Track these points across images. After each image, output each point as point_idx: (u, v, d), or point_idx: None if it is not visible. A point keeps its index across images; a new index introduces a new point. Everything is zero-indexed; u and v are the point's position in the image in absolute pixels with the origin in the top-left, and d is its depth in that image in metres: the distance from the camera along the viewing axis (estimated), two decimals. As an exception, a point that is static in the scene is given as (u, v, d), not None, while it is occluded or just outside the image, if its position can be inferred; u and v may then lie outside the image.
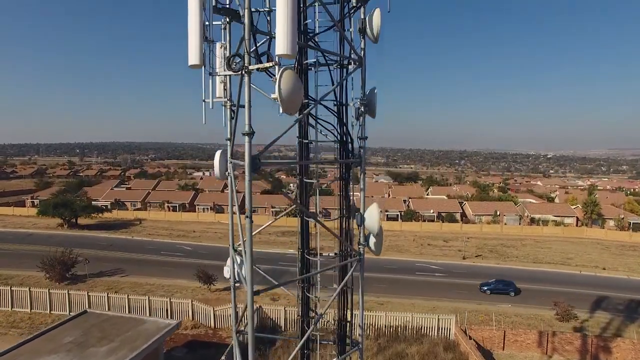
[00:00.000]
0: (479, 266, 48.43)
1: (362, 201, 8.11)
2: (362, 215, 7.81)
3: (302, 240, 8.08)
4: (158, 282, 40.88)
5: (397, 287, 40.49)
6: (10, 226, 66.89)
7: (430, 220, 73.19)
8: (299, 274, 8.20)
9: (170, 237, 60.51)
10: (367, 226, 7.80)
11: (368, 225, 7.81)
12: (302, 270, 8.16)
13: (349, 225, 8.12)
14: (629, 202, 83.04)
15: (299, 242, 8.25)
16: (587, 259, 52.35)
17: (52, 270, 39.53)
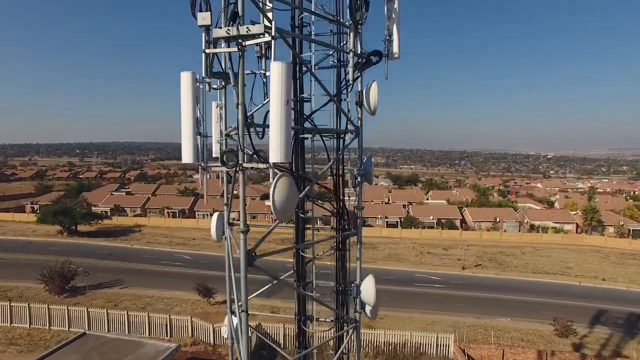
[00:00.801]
0: (479, 277, 48.41)
1: (358, 272, 8.09)
2: (357, 287, 7.78)
3: (299, 308, 8.06)
4: (158, 294, 40.87)
5: (396, 299, 40.44)
6: (10, 233, 66.91)
7: (430, 227, 73.18)
8: (297, 341, 8.18)
9: (170, 245, 60.50)
10: (363, 299, 7.78)
11: (364, 298, 7.80)
12: (299, 337, 8.13)
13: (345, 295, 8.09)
14: (629, 207, 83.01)
15: (296, 309, 8.24)
16: (587, 269, 52.34)
17: (52, 283, 39.53)
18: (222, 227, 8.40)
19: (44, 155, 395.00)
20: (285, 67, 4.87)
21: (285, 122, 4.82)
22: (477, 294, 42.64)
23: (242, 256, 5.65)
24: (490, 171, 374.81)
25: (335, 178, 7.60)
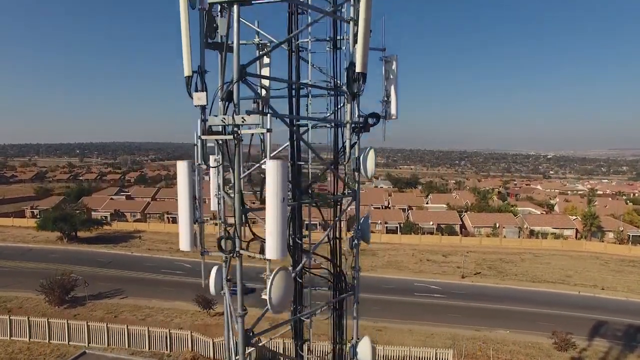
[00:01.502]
0: (478, 286, 48.46)
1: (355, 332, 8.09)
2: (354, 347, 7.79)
3: None
4: (158, 305, 40.92)
5: (395, 310, 40.51)
6: (10, 239, 66.95)
7: (430, 232, 73.22)
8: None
9: (169, 252, 60.54)
10: (360, 360, 7.74)
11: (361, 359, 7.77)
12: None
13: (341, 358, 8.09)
14: (629, 212, 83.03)
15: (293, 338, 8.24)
16: (586, 277, 52.38)
17: (52, 294, 39.58)
18: (220, 282, 8.43)
19: (43, 156, 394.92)
20: (281, 166, 4.90)
21: (282, 220, 4.85)
22: (476, 304, 42.70)
23: (241, 339, 5.69)
24: (490, 171, 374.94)
25: (333, 242, 7.63)
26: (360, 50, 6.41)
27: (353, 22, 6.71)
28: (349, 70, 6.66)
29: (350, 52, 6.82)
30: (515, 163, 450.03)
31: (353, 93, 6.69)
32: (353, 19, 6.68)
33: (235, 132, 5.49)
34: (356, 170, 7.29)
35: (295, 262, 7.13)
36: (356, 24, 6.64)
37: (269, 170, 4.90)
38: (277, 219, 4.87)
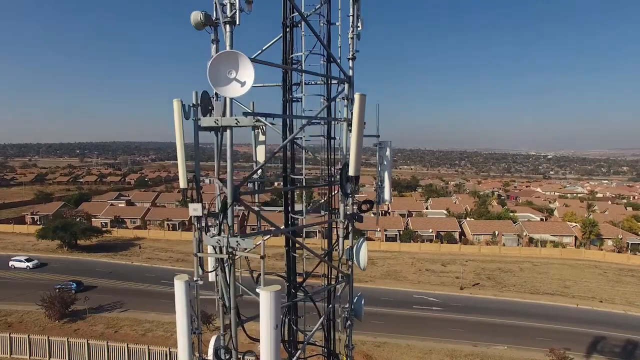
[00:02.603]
0: (476, 298, 48.62)
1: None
2: None
3: None
4: (157, 319, 41.12)
5: (394, 324, 40.67)
6: (10, 248, 67.12)
7: (429, 240, 73.37)
8: None
9: (169, 261, 60.72)
10: None
11: None
12: None
13: None
14: (628, 219, 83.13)
15: None
16: (584, 288, 52.53)
17: (52, 308, 39.76)
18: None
19: (44, 156, 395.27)
20: (274, 295, 5.04)
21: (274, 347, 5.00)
22: (474, 317, 42.87)
23: None
24: (490, 172, 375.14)
25: (327, 327, 7.76)
26: (354, 155, 6.55)
27: (347, 123, 6.84)
28: (342, 171, 6.79)
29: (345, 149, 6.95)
30: (516, 163, 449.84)
31: (346, 193, 6.82)
32: (348, 120, 6.81)
33: (230, 253, 5.63)
34: (350, 259, 7.42)
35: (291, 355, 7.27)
36: (350, 125, 6.77)
37: (263, 300, 5.04)
38: (270, 346, 5.02)
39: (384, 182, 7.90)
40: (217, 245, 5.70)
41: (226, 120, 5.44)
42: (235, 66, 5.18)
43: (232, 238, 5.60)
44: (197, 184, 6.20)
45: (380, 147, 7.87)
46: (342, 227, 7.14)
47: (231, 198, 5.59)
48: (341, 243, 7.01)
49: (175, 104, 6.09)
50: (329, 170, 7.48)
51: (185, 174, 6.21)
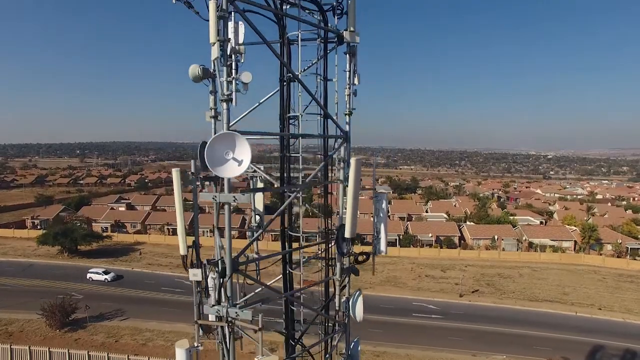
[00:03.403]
0: (476, 306, 48.74)
1: None
2: None
3: None
4: (158, 328, 41.25)
5: (393, 332, 40.80)
6: (11, 253, 67.29)
7: (429, 244, 73.50)
8: None
9: (169, 267, 60.86)
10: None
11: None
12: None
13: None
14: (627, 223, 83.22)
15: None
16: (584, 295, 52.65)
17: (52, 317, 39.91)
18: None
19: (44, 156, 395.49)
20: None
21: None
22: (473, 325, 42.99)
23: None
24: (490, 172, 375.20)
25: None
26: (349, 217, 6.66)
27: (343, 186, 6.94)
28: (339, 232, 6.90)
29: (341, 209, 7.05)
30: (516, 163, 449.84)
31: (342, 253, 6.93)
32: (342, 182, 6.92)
33: (230, 323, 5.74)
34: (346, 314, 7.53)
35: None
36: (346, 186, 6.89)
37: None
38: None
39: (380, 233, 8.01)
40: (217, 315, 5.82)
41: (224, 197, 5.54)
42: (232, 147, 5.29)
43: (231, 309, 5.71)
44: (196, 249, 6.32)
45: (376, 199, 7.99)
46: (339, 282, 7.25)
47: (230, 270, 5.71)
48: (338, 299, 7.12)
49: (174, 174, 6.21)
50: (326, 227, 7.59)
51: (185, 240, 6.33)
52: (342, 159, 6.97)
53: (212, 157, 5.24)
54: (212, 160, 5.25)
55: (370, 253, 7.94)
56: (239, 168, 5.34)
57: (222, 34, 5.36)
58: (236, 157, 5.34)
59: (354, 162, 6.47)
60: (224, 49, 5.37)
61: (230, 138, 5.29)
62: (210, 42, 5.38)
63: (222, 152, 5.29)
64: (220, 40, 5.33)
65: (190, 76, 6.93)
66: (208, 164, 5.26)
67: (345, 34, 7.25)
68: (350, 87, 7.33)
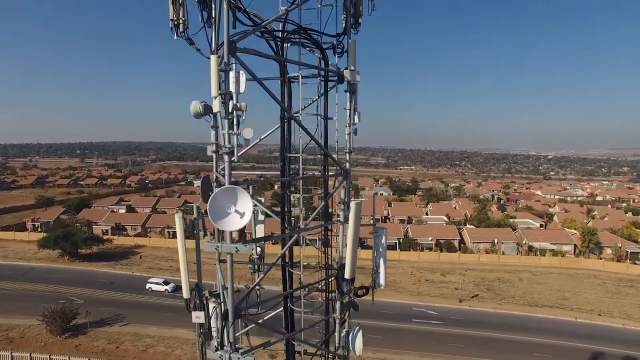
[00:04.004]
0: (476, 311, 48.82)
1: None
2: None
3: None
4: (158, 334, 41.34)
5: (393, 338, 40.89)
6: (12, 256, 67.38)
7: (429, 248, 73.58)
8: None
9: (170, 271, 60.94)
10: None
11: None
12: None
13: None
14: (627, 226, 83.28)
15: None
16: (583, 300, 52.72)
17: (53, 323, 40.00)
18: None
19: (44, 156, 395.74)
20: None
21: None
22: (473, 332, 43.08)
23: None
24: (490, 172, 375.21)
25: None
26: (349, 259, 6.74)
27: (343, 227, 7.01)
28: (338, 273, 6.98)
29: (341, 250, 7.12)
30: (516, 163, 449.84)
31: (342, 292, 7.01)
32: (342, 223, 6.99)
33: (231, 368, 5.82)
34: (345, 351, 7.61)
35: None
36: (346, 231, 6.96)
37: None
38: None
39: (379, 267, 8.09)
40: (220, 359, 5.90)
41: (226, 248, 5.62)
42: (234, 200, 5.37)
43: (233, 354, 5.80)
44: (199, 292, 6.41)
45: (376, 235, 8.06)
46: (339, 318, 7.33)
47: (232, 317, 5.79)
48: (338, 335, 7.20)
49: (177, 219, 6.29)
50: (326, 263, 7.66)
51: (188, 284, 6.42)
52: (343, 201, 7.05)
53: (215, 211, 5.32)
54: (215, 214, 5.33)
55: (370, 287, 8.02)
56: (241, 221, 5.43)
57: (223, 87, 5.43)
58: (238, 209, 5.42)
59: (354, 205, 6.55)
60: (225, 102, 5.45)
61: (232, 192, 5.37)
62: (212, 96, 5.46)
63: (225, 206, 5.37)
64: (222, 94, 5.41)
65: (191, 112, 7.01)
66: (211, 219, 5.35)
67: (346, 72, 7.33)
68: (350, 126, 7.41)
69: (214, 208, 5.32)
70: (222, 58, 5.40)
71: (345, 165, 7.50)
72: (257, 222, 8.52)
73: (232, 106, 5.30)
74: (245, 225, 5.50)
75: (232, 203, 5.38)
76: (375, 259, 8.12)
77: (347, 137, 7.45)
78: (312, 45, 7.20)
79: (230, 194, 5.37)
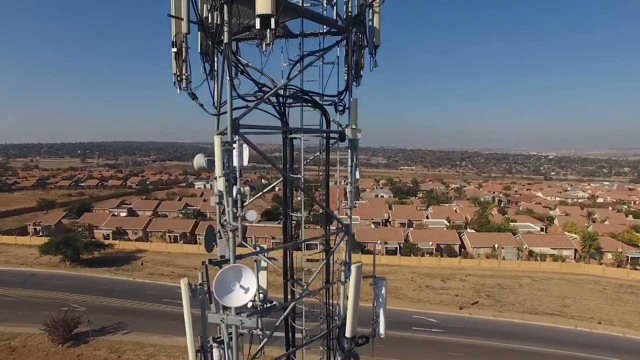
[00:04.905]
0: (476, 319, 48.97)
1: None
2: None
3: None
4: (160, 342, 41.58)
5: (394, 347, 40.86)
6: (13, 261, 67.65)
7: (429, 253, 73.72)
8: None
9: (171, 277, 61.15)
10: None
11: None
12: None
13: None
14: (627, 231, 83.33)
15: None
16: (583, 307, 52.83)
17: (55, 332, 40.25)
18: None
19: (45, 156, 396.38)
20: None
21: None
22: (473, 340, 43.24)
23: None
24: (491, 172, 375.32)
25: None
26: (350, 318, 6.88)
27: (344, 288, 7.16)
28: (340, 331, 7.12)
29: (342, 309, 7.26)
30: (517, 164, 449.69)
31: (343, 348, 7.15)
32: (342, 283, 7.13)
33: None
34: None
35: None
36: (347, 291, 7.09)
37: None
38: None
39: (379, 317, 8.23)
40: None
41: (231, 320, 5.77)
42: (238, 277, 5.53)
43: None
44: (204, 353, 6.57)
45: (376, 286, 8.21)
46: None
47: None
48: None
49: (183, 287, 6.44)
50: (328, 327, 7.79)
51: (194, 347, 6.57)
52: (344, 262, 7.19)
53: (220, 288, 5.47)
54: (220, 292, 5.48)
55: (370, 336, 8.16)
56: (246, 296, 5.58)
57: (227, 166, 5.58)
58: (243, 284, 5.57)
59: (355, 269, 6.70)
60: (229, 181, 5.59)
61: (237, 270, 5.52)
62: (217, 176, 5.60)
63: (229, 283, 5.52)
64: (225, 174, 5.55)
65: (194, 167, 7.21)
66: (216, 296, 5.49)
67: (347, 131, 7.47)
68: (352, 183, 7.55)
69: (220, 285, 5.47)
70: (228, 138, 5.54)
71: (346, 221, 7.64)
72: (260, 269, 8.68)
73: (236, 191, 5.44)
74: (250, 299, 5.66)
75: (237, 280, 5.54)
76: (375, 308, 8.26)
77: (348, 195, 7.58)
78: (313, 106, 7.34)
79: (236, 271, 5.53)
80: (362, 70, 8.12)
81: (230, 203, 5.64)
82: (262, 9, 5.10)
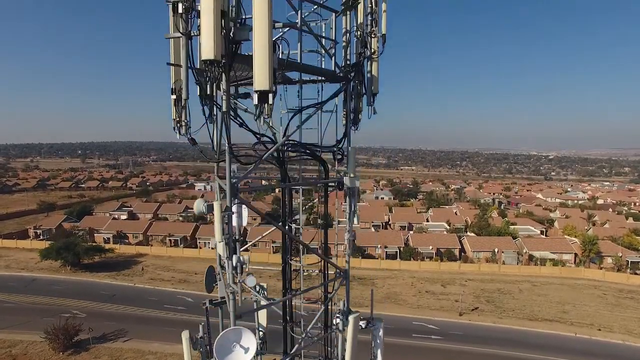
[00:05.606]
0: (476, 325, 49.08)
1: None
2: None
3: None
4: (160, 350, 41.71)
5: (393, 355, 41.01)
6: (14, 266, 67.79)
7: (429, 257, 73.84)
8: None
9: (171, 282, 61.33)
10: None
11: None
12: None
13: None
14: (628, 234, 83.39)
15: None
16: (583, 313, 52.93)
17: (56, 340, 40.37)
18: None
19: (46, 157, 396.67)
20: None
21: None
22: (472, 347, 43.34)
23: None
24: (491, 172, 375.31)
25: None
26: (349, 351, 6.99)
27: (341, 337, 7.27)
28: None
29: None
30: (517, 164, 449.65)
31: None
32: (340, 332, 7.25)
33: None
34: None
35: None
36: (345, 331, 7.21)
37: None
38: None
39: (377, 358, 8.35)
40: None
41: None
42: (238, 339, 5.65)
43: None
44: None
45: (374, 327, 8.33)
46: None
47: None
48: None
49: (183, 337, 6.57)
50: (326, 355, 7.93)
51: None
52: (342, 311, 7.31)
53: (221, 351, 5.59)
54: (221, 354, 5.60)
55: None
56: (246, 356, 5.70)
57: (226, 232, 5.70)
58: (243, 345, 5.70)
59: (352, 320, 6.82)
60: (229, 245, 5.71)
61: (237, 332, 5.65)
62: (217, 241, 5.72)
63: (230, 344, 5.65)
64: (225, 238, 5.67)
65: (195, 211, 7.38)
66: (216, 355, 5.62)
67: (345, 179, 7.59)
68: (350, 231, 7.67)
69: (221, 347, 5.59)
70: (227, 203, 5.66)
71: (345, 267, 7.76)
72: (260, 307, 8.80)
73: (235, 260, 5.56)
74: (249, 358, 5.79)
75: (237, 342, 5.67)
76: (373, 349, 8.39)
77: (346, 242, 7.70)
78: (312, 158, 7.46)
79: (236, 333, 5.65)
80: (361, 115, 8.24)
81: (230, 266, 5.76)
82: (260, 86, 5.21)
